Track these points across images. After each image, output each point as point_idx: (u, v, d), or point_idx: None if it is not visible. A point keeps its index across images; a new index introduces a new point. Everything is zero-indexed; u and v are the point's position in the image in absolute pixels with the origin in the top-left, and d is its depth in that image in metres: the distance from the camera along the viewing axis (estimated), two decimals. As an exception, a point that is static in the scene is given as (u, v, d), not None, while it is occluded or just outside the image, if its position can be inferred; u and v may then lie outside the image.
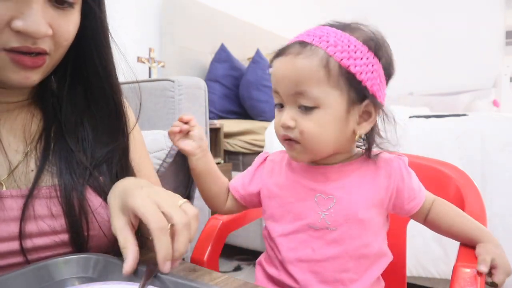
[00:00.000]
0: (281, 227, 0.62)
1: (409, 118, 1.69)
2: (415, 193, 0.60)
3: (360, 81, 0.54)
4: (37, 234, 0.51)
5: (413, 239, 0.82)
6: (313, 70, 0.53)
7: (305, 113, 0.55)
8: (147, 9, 2.23)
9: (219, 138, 1.84)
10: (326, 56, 0.53)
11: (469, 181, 0.74)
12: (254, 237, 1.89)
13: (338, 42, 0.54)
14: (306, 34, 0.56)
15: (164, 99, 1.22)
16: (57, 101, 0.61)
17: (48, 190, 0.53)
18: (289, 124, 0.55)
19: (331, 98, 0.54)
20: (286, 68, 0.55)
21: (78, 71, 0.60)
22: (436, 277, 1.43)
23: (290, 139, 0.57)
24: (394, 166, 0.60)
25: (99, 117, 0.61)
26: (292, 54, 0.55)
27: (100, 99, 0.61)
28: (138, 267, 0.44)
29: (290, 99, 0.56)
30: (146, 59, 2.12)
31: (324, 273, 0.58)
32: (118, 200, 0.48)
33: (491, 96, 3.59)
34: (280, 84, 0.57)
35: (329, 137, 0.56)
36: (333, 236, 0.58)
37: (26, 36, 0.47)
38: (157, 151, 0.92)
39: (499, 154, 1.35)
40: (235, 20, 2.73)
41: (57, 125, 0.60)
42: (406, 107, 2.86)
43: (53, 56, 0.52)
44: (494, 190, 1.33)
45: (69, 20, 0.52)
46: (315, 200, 0.59)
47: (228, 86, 2.34)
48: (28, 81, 0.51)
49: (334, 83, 0.54)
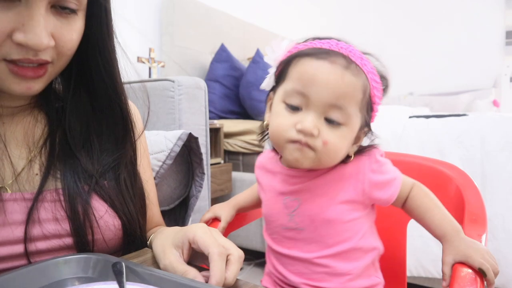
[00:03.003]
0: (266, 227, 0.68)
1: (409, 118, 1.69)
2: (390, 183, 0.60)
3: (373, 111, 0.59)
4: (41, 238, 0.51)
5: (413, 239, 0.82)
6: (357, 90, 0.55)
7: (330, 126, 0.55)
8: (147, 9, 2.23)
9: (219, 138, 1.84)
10: (367, 81, 0.56)
11: (469, 181, 0.74)
12: (255, 237, 1.90)
13: (371, 69, 0.56)
14: (346, 48, 0.56)
15: (164, 99, 1.22)
16: (62, 106, 0.60)
17: (52, 194, 0.53)
18: (314, 132, 0.53)
19: (356, 120, 0.56)
20: (332, 77, 0.53)
21: (83, 76, 0.59)
22: (436, 277, 1.43)
23: (304, 144, 0.54)
24: (362, 161, 0.60)
25: (105, 124, 0.60)
26: (339, 65, 0.54)
27: (105, 106, 0.60)
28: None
29: (321, 108, 0.54)
30: (146, 59, 2.12)
31: (302, 269, 0.62)
32: (169, 238, 0.51)
33: (491, 96, 3.59)
34: (317, 88, 0.54)
35: (343, 153, 0.58)
36: (303, 236, 0.61)
37: (27, 49, 0.46)
38: (158, 152, 0.92)
39: (499, 154, 1.35)
40: (235, 20, 2.73)
41: (62, 131, 0.58)
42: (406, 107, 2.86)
43: (55, 65, 0.51)
44: (494, 189, 1.33)
45: (72, 28, 0.50)
46: (283, 202, 0.63)
47: (228, 86, 2.34)
48: (30, 91, 0.50)
49: (362, 107, 0.56)
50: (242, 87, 2.29)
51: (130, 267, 0.44)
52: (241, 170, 2.02)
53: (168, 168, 0.93)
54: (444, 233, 0.58)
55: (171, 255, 0.48)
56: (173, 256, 0.48)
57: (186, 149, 0.98)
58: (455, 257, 0.54)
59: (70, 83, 0.59)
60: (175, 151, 0.91)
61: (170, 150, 0.91)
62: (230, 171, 1.89)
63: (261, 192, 0.69)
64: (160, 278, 0.42)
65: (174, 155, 0.91)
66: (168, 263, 0.47)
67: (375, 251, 0.64)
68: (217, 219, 0.75)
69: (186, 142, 0.94)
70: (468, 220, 0.66)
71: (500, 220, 1.31)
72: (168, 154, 0.91)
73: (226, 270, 0.44)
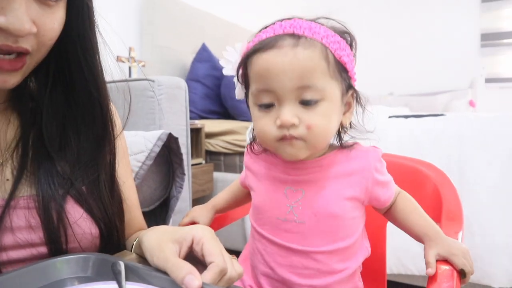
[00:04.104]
0: (255, 217, 0.64)
1: (389, 118, 1.72)
2: (389, 185, 0.61)
3: (348, 71, 0.56)
4: (14, 247, 0.48)
5: (392, 237, 0.83)
6: (316, 61, 0.52)
7: (308, 107, 0.52)
8: (127, 7, 2.19)
9: (200, 138, 1.83)
10: (324, 47, 0.53)
11: (446, 179, 0.76)
12: (236, 238, 1.89)
13: (326, 33, 0.54)
14: (290, 26, 0.53)
15: (144, 99, 1.20)
16: (37, 104, 0.56)
17: (26, 200, 0.50)
18: (294, 122, 0.52)
19: (333, 89, 0.54)
20: (285, 61, 0.51)
21: (61, 71, 0.56)
22: (415, 274, 1.46)
23: (291, 137, 0.53)
24: (368, 158, 0.59)
25: (83, 123, 0.57)
26: (288, 46, 0.51)
27: (85, 103, 0.56)
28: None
29: (291, 95, 0.52)
30: (126, 59, 2.09)
31: (294, 263, 0.59)
32: (167, 233, 0.47)
33: (468, 97, 3.69)
34: (276, 80, 0.52)
35: (333, 129, 0.56)
36: (300, 229, 0.58)
37: (7, 34, 0.42)
38: (137, 153, 0.90)
39: (475, 153, 1.39)
40: (217, 19, 2.72)
41: (36, 131, 0.55)
42: (386, 107, 2.90)
43: (34, 56, 0.48)
44: (471, 188, 1.36)
45: (54, 17, 0.47)
46: (284, 192, 0.60)
47: (209, 86, 2.33)
48: (6, 85, 0.47)
49: (332, 74, 0.53)
50: (223, 87, 2.28)
51: (130, 267, 0.44)
52: (223, 171, 2.01)
53: (148, 169, 0.92)
54: (426, 233, 0.59)
55: (167, 248, 0.44)
56: (169, 249, 0.44)
57: (166, 150, 0.97)
58: (439, 251, 0.56)
59: (47, 80, 0.56)
60: (154, 152, 0.90)
61: (150, 150, 0.90)
62: (212, 171, 1.87)
63: (253, 181, 0.65)
64: (159, 278, 0.42)
65: (154, 155, 0.90)
66: (163, 256, 0.43)
67: (365, 252, 0.64)
68: (195, 224, 0.73)
69: (166, 142, 0.93)
70: (445, 218, 0.68)
71: (476, 217, 1.34)
72: (147, 155, 0.90)
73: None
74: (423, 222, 0.60)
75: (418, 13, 4.15)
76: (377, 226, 0.79)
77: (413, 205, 0.63)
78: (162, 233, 0.49)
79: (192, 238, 0.45)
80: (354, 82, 0.58)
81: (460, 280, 0.53)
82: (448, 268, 0.54)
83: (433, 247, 0.57)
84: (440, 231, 0.59)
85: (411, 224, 0.61)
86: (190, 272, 0.39)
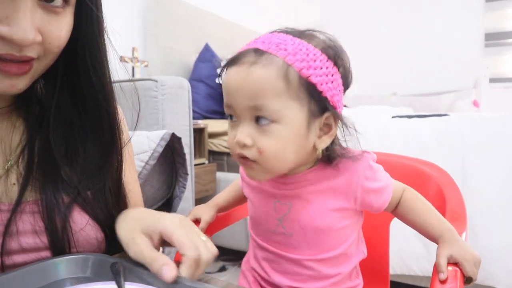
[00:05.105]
0: (252, 226, 0.66)
1: (392, 118, 1.71)
2: (383, 190, 0.58)
3: (321, 91, 0.51)
4: (19, 251, 0.48)
5: (395, 237, 0.83)
6: (271, 81, 0.49)
7: (262, 129, 0.50)
8: (130, 8, 2.20)
9: (204, 138, 1.83)
10: (285, 65, 0.49)
11: (450, 180, 0.76)
12: (239, 238, 1.89)
13: (296, 50, 0.50)
14: (261, 41, 0.52)
15: (147, 99, 1.20)
16: (43, 109, 0.56)
17: (31, 205, 0.50)
18: (246, 142, 0.51)
19: (291, 111, 0.50)
20: (240, 79, 0.50)
21: (69, 76, 0.55)
22: (418, 274, 1.45)
23: (246, 158, 0.52)
24: (357, 169, 0.56)
25: (91, 130, 0.57)
26: (247, 63, 0.50)
27: (92, 111, 0.56)
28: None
29: (246, 113, 0.51)
30: (129, 59, 2.09)
31: (287, 269, 0.61)
32: (137, 223, 0.48)
33: (472, 97, 3.67)
34: (233, 96, 0.52)
35: (289, 154, 0.52)
36: (289, 241, 0.59)
37: (11, 43, 0.42)
38: (140, 153, 0.90)
39: (478, 153, 1.38)
40: (220, 19, 2.72)
41: (42, 137, 0.55)
42: (389, 107, 2.90)
43: (42, 61, 0.47)
44: (474, 188, 1.36)
45: (61, 24, 0.46)
46: (273, 205, 0.60)
47: (213, 86, 2.33)
48: (14, 89, 0.46)
49: (294, 95, 0.50)
50: (226, 87, 2.28)
51: (129, 267, 0.44)
52: (226, 170, 2.01)
53: (151, 169, 0.92)
54: (441, 234, 0.58)
55: (141, 242, 0.45)
56: (143, 243, 0.45)
57: (169, 150, 0.97)
58: (453, 254, 0.54)
59: (55, 85, 0.55)
60: (158, 152, 0.90)
61: (153, 150, 0.90)
62: (215, 171, 1.88)
63: (248, 192, 0.67)
64: (158, 278, 0.42)
65: (157, 155, 0.90)
66: (138, 250, 0.45)
67: (361, 256, 0.64)
68: (198, 221, 0.74)
69: (169, 142, 0.93)
70: (449, 218, 0.67)
71: (480, 218, 1.34)
72: (151, 155, 0.90)
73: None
74: (436, 222, 0.59)
75: (421, 13, 4.13)
76: (380, 226, 0.79)
77: (423, 204, 0.61)
78: (133, 223, 0.50)
79: (159, 233, 0.46)
80: (337, 104, 0.53)
81: (463, 281, 0.53)
82: (452, 268, 0.54)
83: (447, 248, 0.55)
84: (454, 231, 0.57)
85: (424, 226, 0.60)
86: (165, 263, 0.42)
